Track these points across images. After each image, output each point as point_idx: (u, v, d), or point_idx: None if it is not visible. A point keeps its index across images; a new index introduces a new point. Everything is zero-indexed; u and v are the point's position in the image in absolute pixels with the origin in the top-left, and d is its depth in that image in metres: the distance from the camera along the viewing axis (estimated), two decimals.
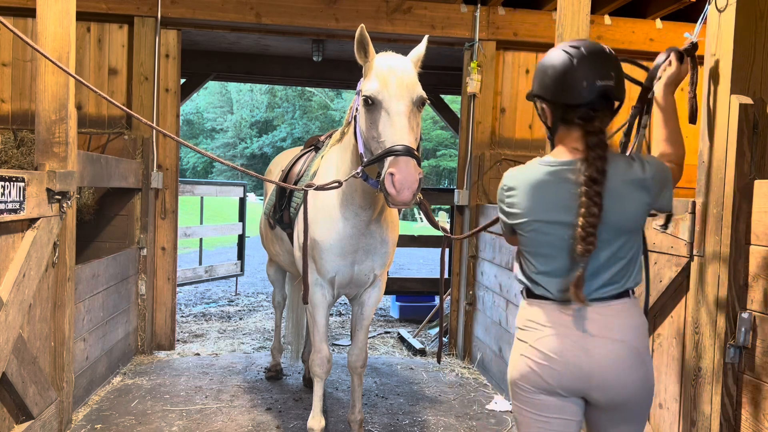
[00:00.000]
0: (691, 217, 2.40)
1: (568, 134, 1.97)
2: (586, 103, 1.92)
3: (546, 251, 1.97)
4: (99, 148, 5.47)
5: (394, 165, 2.54)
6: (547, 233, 1.95)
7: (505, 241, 2.13)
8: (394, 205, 2.58)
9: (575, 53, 1.93)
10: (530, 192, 1.97)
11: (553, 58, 1.98)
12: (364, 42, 2.82)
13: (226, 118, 42.72)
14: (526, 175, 2.01)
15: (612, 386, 1.92)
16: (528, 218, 1.98)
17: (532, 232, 1.98)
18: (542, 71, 2.00)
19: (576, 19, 3.65)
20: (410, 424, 4.21)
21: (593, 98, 1.91)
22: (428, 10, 5.80)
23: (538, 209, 1.96)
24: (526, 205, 1.98)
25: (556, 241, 1.94)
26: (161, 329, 5.80)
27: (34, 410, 3.30)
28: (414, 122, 2.71)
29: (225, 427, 4.03)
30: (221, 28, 5.85)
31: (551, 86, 1.97)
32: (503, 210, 2.07)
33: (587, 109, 1.92)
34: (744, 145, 2.20)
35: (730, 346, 2.21)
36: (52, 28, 3.58)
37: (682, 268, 2.48)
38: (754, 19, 2.27)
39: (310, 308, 3.57)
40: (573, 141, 1.96)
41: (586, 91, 1.91)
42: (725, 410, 2.23)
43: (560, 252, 1.93)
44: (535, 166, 2.02)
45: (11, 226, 3.06)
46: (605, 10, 5.95)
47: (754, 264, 2.16)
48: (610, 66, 1.94)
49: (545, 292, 1.98)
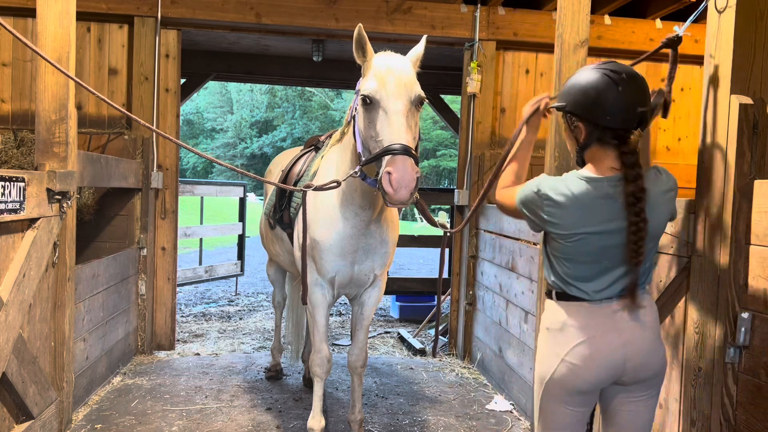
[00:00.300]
0: (691, 217, 2.40)
1: (603, 152, 2.07)
2: (627, 128, 2.02)
3: (585, 258, 2.08)
4: (99, 148, 5.48)
5: (392, 164, 2.53)
6: (588, 243, 2.06)
7: (511, 218, 2.24)
8: (392, 204, 2.58)
9: (619, 79, 2.01)
10: (576, 207, 2.05)
11: (594, 81, 2.04)
12: (362, 41, 2.82)
13: (226, 118, 42.71)
14: (570, 189, 2.07)
15: (643, 367, 2.10)
16: (573, 231, 2.06)
17: (575, 243, 2.08)
18: (582, 91, 2.06)
19: (576, 19, 3.65)
20: (410, 424, 4.21)
21: (635, 124, 2.02)
22: (428, 10, 5.81)
23: (583, 223, 2.05)
24: (572, 220, 2.06)
25: (596, 250, 2.06)
26: (161, 329, 5.80)
27: (34, 410, 3.30)
28: (412, 121, 2.71)
29: (225, 427, 4.03)
30: (221, 28, 5.85)
31: (592, 108, 2.04)
32: (540, 216, 2.13)
33: (624, 131, 2.02)
34: (744, 145, 2.20)
35: (730, 346, 2.21)
36: (52, 28, 3.58)
37: (682, 268, 2.47)
38: (754, 20, 2.27)
39: (310, 308, 3.57)
40: (609, 159, 2.06)
41: (630, 116, 2.01)
42: (725, 410, 2.23)
43: (599, 258, 2.07)
44: (577, 181, 2.08)
45: (11, 226, 3.06)
46: (605, 10, 5.95)
47: (754, 264, 2.16)
48: (647, 92, 2.07)
49: (581, 294, 2.10)
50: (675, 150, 6.42)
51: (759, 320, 2.12)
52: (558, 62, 3.72)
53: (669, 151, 6.40)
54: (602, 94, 2.01)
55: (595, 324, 2.08)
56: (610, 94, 2.00)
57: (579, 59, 3.69)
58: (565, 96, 2.12)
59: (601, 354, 2.05)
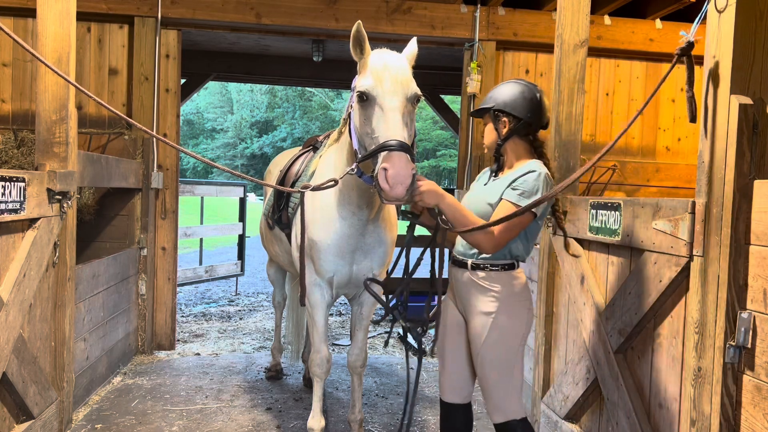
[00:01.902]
0: (691, 217, 2.40)
1: (520, 144, 2.74)
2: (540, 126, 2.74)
3: (537, 233, 2.75)
4: (99, 148, 5.48)
5: (387, 160, 2.50)
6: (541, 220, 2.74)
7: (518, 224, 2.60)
8: (387, 201, 2.54)
9: (538, 90, 2.74)
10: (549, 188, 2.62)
11: (521, 87, 2.72)
12: (360, 38, 2.81)
13: (226, 118, 42.74)
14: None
15: None
16: (544, 211, 2.69)
17: (539, 221, 2.71)
18: (511, 93, 2.72)
19: (576, 19, 3.65)
20: (411, 423, 4.20)
21: (545, 125, 2.77)
22: (428, 11, 5.81)
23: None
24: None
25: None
26: (161, 329, 5.80)
27: (34, 410, 3.31)
28: (408, 118, 2.69)
29: (225, 427, 4.03)
30: (221, 28, 5.85)
31: (519, 105, 2.69)
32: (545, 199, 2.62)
33: (537, 128, 2.74)
34: (744, 145, 2.20)
35: (730, 346, 2.21)
36: (52, 29, 3.58)
37: (682, 268, 2.47)
38: (754, 19, 2.27)
39: (309, 308, 3.57)
40: (522, 150, 2.74)
41: (544, 119, 2.74)
42: (725, 410, 2.23)
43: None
44: (544, 168, 2.66)
45: (11, 226, 3.06)
46: (605, 10, 5.95)
47: (754, 264, 2.16)
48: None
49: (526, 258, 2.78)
50: (675, 150, 6.41)
51: (759, 320, 2.12)
52: (558, 62, 3.72)
53: (669, 151, 6.40)
54: (527, 96, 2.69)
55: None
56: (533, 98, 2.69)
57: (579, 59, 3.69)
58: (493, 100, 2.74)
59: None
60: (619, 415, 2.89)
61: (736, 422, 2.22)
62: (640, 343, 2.84)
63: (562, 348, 3.62)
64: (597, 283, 3.21)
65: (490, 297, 2.66)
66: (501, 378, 2.66)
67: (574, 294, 3.38)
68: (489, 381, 2.67)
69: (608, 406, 3.01)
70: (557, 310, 3.69)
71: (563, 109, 3.70)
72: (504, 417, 2.67)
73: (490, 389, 2.68)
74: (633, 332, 2.83)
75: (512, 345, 2.66)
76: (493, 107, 2.73)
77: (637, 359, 2.87)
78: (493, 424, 2.73)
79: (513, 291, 2.66)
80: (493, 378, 2.66)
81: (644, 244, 2.72)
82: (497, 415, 2.68)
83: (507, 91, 2.73)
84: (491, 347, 2.65)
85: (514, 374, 2.68)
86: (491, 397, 2.69)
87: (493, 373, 2.66)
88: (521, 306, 2.68)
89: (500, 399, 2.67)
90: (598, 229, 3.14)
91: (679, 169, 6.32)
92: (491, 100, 2.76)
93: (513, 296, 2.66)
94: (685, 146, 6.42)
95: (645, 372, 2.80)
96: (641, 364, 2.83)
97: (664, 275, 2.58)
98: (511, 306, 2.66)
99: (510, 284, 2.67)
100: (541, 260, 3.84)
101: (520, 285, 2.70)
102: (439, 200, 2.55)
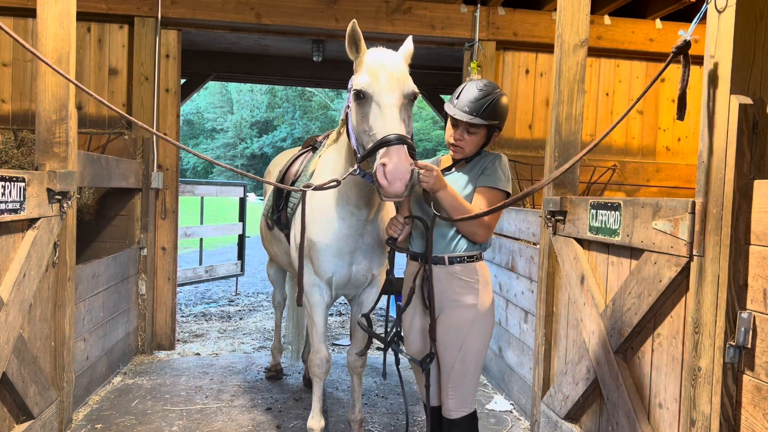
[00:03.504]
0: (691, 217, 2.40)
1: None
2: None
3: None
4: (99, 148, 5.48)
5: (386, 155, 2.47)
6: None
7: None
8: (387, 197, 2.50)
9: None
10: None
11: (506, 98, 2.88)
12: (355, 37, 2.80)
13: (226, 118, 42.74)
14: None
15: None
16: None
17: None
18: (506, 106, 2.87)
19: (576, 19, 3.65)
20: (410, 423, 4.21)
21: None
22: (428, 11, 5.81)
23: None
24: None
25: None
26: (161, 329, 5.80)
27: (34, 410, 3.30)
28: (405, 115, 2.66)
29: (225, 427, 4.03)
30: (221, 28, 5.85)
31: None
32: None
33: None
34: (744, 145, 2.20)
35: (730, 346, 2.20)
36: (52, 29, 3.58)
37: (682, 268, 2.47)
38: (754, 20, 2.27)
39: (308, 309, 3.56)
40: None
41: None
42: (725, 410, 2.23)
43: None
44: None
45: (11, 226, 3.06)
46: (605, 10, 5.95)
47: (754, 264, 2.16)
48: None
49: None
50: (675, 150, 6.41)
51: (759, 320, 2.12)
52: (558, 62, 3.72)
53: (669, 151, 6.40)
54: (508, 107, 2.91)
55: None
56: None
57: (579, 59, 3.69)
58: (494, 117, 2.78)
59: None
60: (619, 415, 2.89)
61: (736, 422, 2.22)
62: (640, 343, 2.84)
63: (562, 348, 3.62)
64: (597, 283, 3.21)
65: (469, 289, 2.74)
66: (476, 370, 2.77)
67: (574, 294, 3.38)
68: (467, 373, 2.71)
69: (608, 406, 3.00)
70: (557, 310, 3.69)
71: (563, 109, 3.70)
72: (469, 409, 2.74)
73: (464, 382, 2.71)
74: (633, 332, 2.83)
75: (489, 334, 2.81)
76: (497, 125, 2.81)
77: (637, 359, 2.87)
78: (454, 419, 2.72)
79: (486, 280, 2.81)
80: (471, 370, 2.73)
81: (644, 244, 2.72)
82: (463, 408, 2.73)
83: (503, 108, 2.81)
84: (475, 338, 2.72)
85: (481, 365, 2.79)
86: (461, 391, 2.72)
87: (472, 365, 2.73)
88: (491, 294, 2.83)
89: (469, 392, 2.75)
90: (598, 229, 3.14)
91: (679, 169, 6.32)
92: (491, 115, 2.78)
93: (486, 286, 2.79)
94: (685, 146, 6.42)
95: (645, 372, 2.80)
96: (641, 364, 2.83)
97: (664, 275, 2.58)
98: (486, 295, 2.78)
99: (483, 274, 2.81)
100: (541, 260, 3.84)
101: (487, 274, 2.86)
102: (441, 186, 2.62)
